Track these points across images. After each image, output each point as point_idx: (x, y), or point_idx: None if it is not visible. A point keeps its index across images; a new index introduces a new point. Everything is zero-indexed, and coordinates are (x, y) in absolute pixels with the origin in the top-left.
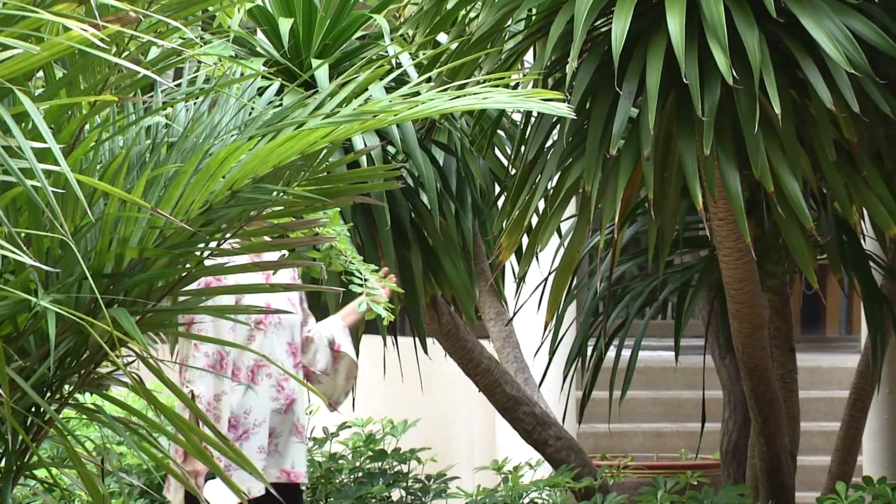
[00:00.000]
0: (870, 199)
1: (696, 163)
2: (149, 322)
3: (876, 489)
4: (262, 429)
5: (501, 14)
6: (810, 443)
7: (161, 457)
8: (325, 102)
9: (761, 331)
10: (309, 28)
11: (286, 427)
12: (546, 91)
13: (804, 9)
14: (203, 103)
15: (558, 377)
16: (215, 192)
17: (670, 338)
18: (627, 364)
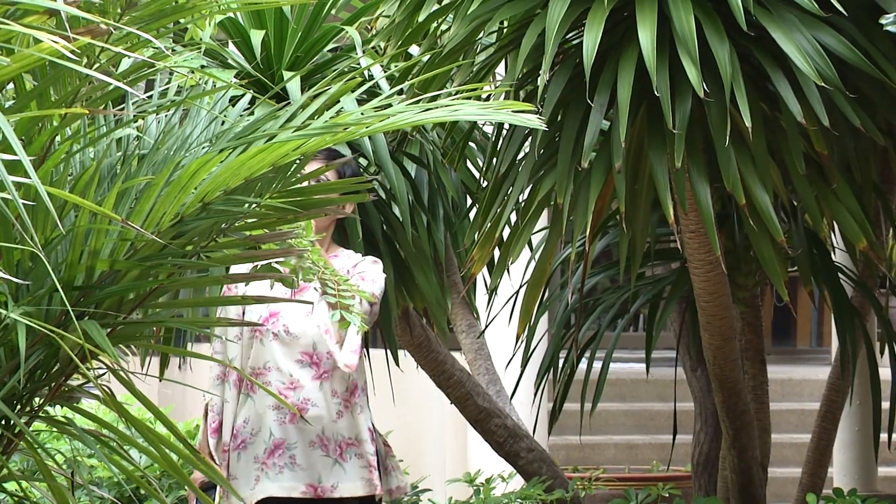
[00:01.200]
0: (840, 212)
1: (667, 175)
2: (120, 334)
3: (846, 501)
4: (259, 438)
5: (473, 26)
6: (781, 454)
7: (132, 469)
8: (297, 114)
9: (732, 343)
10: (280, 40)
11: (303, 439)
12: (518, 103)
13: (774, 22)
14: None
15: (530, 389)
16: (186, 205)
17: (642, 350)
18: (599, 376)
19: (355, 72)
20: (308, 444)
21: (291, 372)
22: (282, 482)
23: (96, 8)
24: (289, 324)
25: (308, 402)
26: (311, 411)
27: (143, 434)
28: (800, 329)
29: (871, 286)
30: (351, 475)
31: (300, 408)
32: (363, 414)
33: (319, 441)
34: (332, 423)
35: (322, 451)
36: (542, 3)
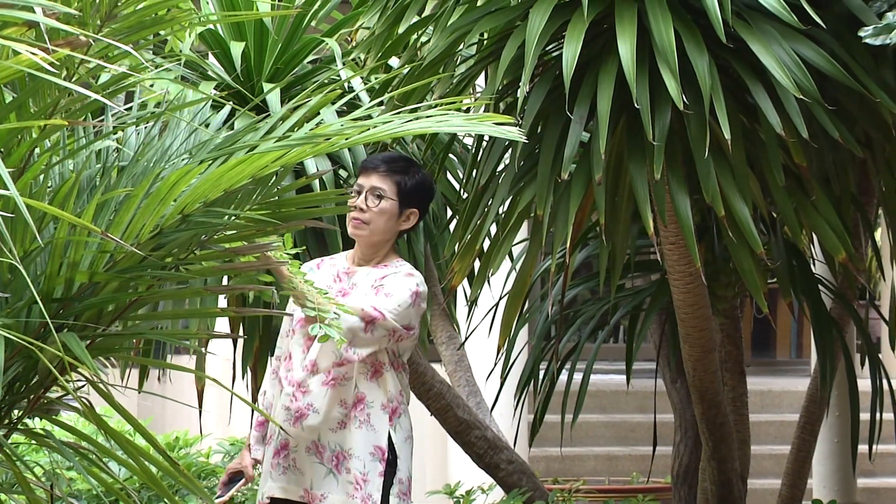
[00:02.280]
0: (819, 223)
1: (646, 187)
2: (99, 346)
3: None
4: (275, 436)
5: (453, 38)
6: (761, 466)
7: (111, 482)
8: (277, 126)
9: (712, 354)
10: (260, 52)
11: (301, 443)
12: (498, 115)
13: (754, 34)
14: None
15: (510, 401)
16: (166, 216)
17: (622, 361)
18: (579, 387)
19: (335, 84)
20: (305, 448)
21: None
22: (283, 483)
23: (75, 20)
24: None
25: (310, 407)
26: (311, 418)
27: (122, 446)
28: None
29: (851, 298)
30: (339, 489)
31: (302, 412)
32: (362, 429)
33: (315, 447)
34: (331, 431)
35: (317, 457)
36: (522, 15)
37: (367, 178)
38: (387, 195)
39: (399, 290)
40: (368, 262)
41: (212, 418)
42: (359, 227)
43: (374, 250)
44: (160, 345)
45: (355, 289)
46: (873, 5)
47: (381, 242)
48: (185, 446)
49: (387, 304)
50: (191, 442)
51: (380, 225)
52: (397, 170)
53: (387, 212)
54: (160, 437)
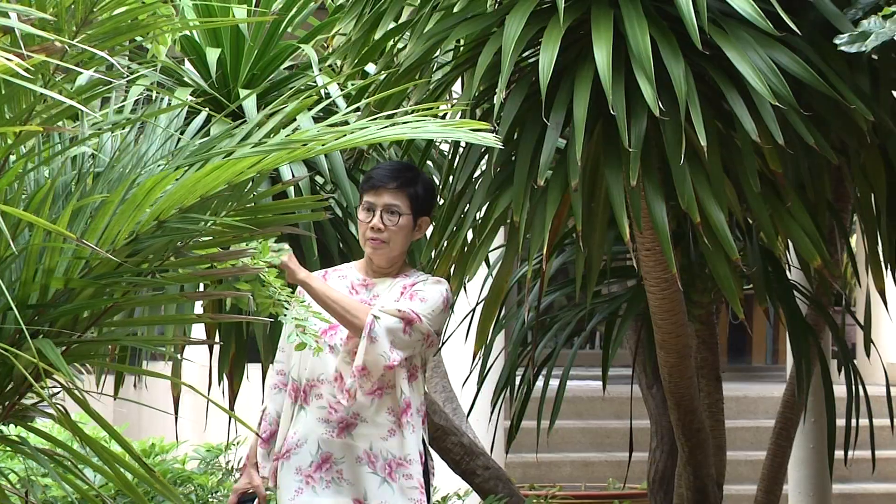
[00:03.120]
0: (794, 229)
1: (622, 194)
2: (74, 353)
3: None
4: (304, 450)
5: (429, 45)
6: (737, 472)
7: (86, 489)
8: (253, 132)
9: (688, 360)
10: (237, 58)
11: (349, 454)
12: (474, 121)
13: (729, 41)
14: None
15: (486, 407)
16: (142, 223)
17: (598, 367)
18: (556, 394)
19: (312, 90)
20: (355, 459)
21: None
22: (328, 497)
23: (51, 26)
24: (344, 336)
25: (357, 416)
26: (360, 427)
27: (97, 453)
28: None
29: (826, 304)
30: (399, 496)
31: (349, 422)
32: (415, 434)
33: (367, 457)
34: (382, 440)
35: (369, 467)
36: (499, 21)
37: (378, 195)
38: (402, 210)
39: (432, 295)
40: (386, 274)
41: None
42: (378, 247)
43: (392, 263)
44: (136, 351)
45: (378, 300)
46: (848, 12)
47: (399, 256)
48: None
49: (422, 308)
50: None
51: (399, 241)
52: (407, 182)
53: (404, 227)
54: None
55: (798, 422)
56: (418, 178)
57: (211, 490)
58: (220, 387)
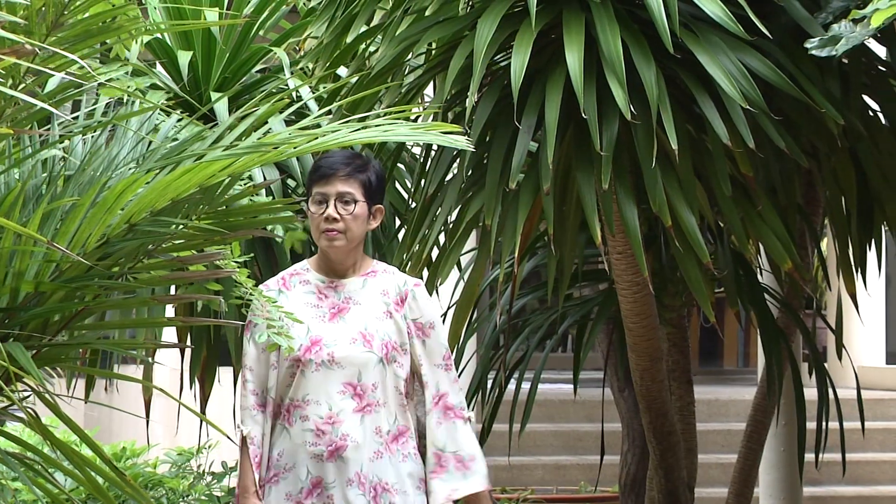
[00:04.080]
0: (765, 233)
1: (594, 197)
2: (45, 356)
3: None
4: (293, 475)
5: (401, 48)
6: (708, 475)
7: (57, 493)
8: (225, 135)
9: (659, 363)
10: (208, 61)
11: (340, 477)
12: (446, 125)
13: (700, 45)
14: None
15: None
16: (112, 226)
17: (570, 371)
18: (527, 397)
19: (283, 93)
20: (346, 482)
21: (332, 405)
22: None
23: (21, 28)
24: (334, 351)
25: (347, 437)
26: (350, 447)
27: (68, 457)
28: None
29: (797, 307)
30: None
31: (338, 445)
32: (406, 463)
33: (357, 479)
34: (370, 461)
35: (359, 489)
36: (470, 25)
37: (329, 184)
38: (356, 198)
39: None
40: (349, 271)
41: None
42: (336, 237)
43: (352, 258)
44: (107, 355)
45: (352, 304)
46: (819, 16)
47: (357, 248)
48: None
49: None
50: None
51: (356, 231)
52: (358, 169)
53: (360, 216)
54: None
55: (769, 425)
56: (369, 165)
57: (182, 494)
58: (192, 390)
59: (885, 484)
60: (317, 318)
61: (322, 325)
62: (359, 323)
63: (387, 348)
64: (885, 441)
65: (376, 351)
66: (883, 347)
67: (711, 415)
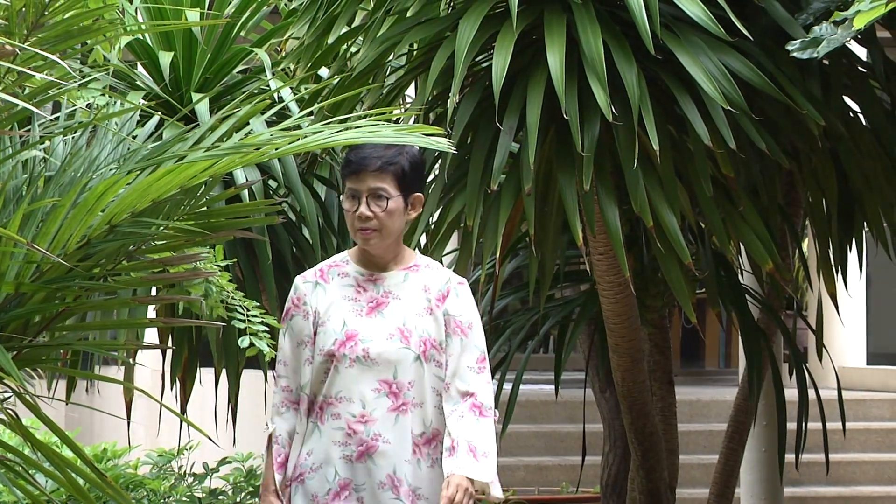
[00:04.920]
0: (746, 233)
1: (576, 198)
2: (25, 357)
3: None
4: (320, 475)
5: (383, 49)
6: (689, 475)
7: (37, 494)
8: (206, 136)
9: (641, 364)
10: (189, 62)
11: (371, 479)
12: (428, 126)
13: (682, 46)
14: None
15: None
16: (93, 227)
17: (551, 371)
18: (509, 397)
19: (265, 94)
20: (378, 485)
21: (365, 403)
22: None
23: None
24: (369, 347)
25: (379, 437)
26: (381, 448)
27: (49, 458)
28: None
29: (778, 308)
30: None
31: (368, 445)
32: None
33: (390, 482)
34: (406, 462)
35: (392, 493)
36: (452, 26)
37: (360, 180)
38: (389, 193)
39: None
40: (390, 265)
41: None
42: (371, 236)
43: (391, 251)
44: (88, 356)
45: (391, 298)
46: (799, 18)
47: (397, 241)
48: (113, 458)
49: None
50: (119, 453)
51: (392, 227)
52: (390, 160)
53: (395, 210)
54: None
55: (750, 425)
56: (402, 154)
57: (163, 495)
58: (173, 391)
59: (866, 484)
60: (353, 311)
61: (358, 320)
62: (397, 318)
63: (425, 345)
64: (866, 441)
65: (413, 348)
66: (864, 348)
67: (693, 415)
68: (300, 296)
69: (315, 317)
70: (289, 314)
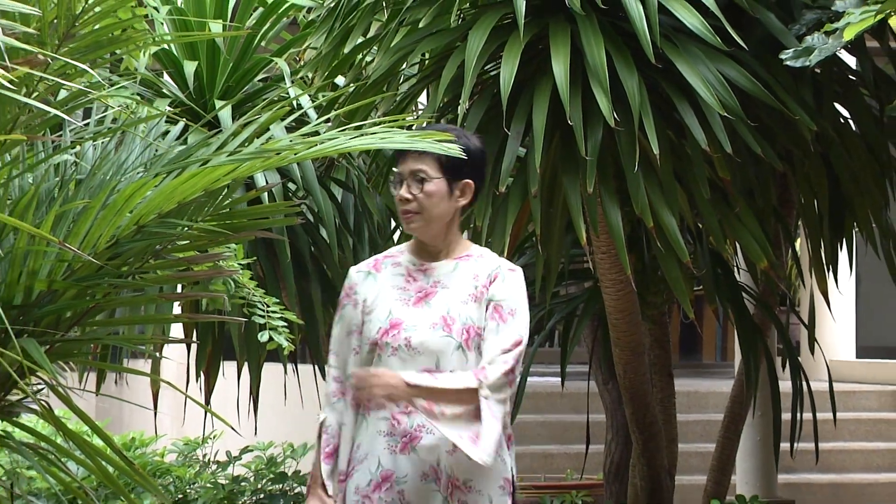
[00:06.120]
0: (742, 234)
1: (580, 200)
2: (58, 351)
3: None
4: (364, 466)
5: (396, 58)
6: (688, 463)
7: (69, 481)
8: (229, 141)
9: (641, 358)
10: (212, 70)
11: (414, 471)
12: (438, 132)
13: (680, 55)
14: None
15: None
16: (122, 227)
17: (557, 364)
18: (516, 389)
19: (284, 101)
20: (420, 476)
21: None
22: None
23: (35, 39)
24: (412, 336)
25: (422, 428)
26: (425, 439)
27: (80, 447)
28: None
29: (772, 304)
30: None
31: (412, 436)
32: None
33: (433, 473)
34: (448, 454)
35: (435, 484)
36: (462, 36)
37: (403, 163)
38: (429, 175)
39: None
40: (441, 254)
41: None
42: (412, 219)
43: (440, 239)
44: (117, 349)
45: (440, 287)
46: (793, 28)
47: (443, 228)
48: (141, 446)
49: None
50: (146, 442)
51: (433, 210)
52: None
53: (435, 193)
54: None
55: (746, 416)
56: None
57: (188, 481)
58: (198, 383)
59: (856, 472)
60: (400, 301)
61: (404, 309)
62: (442, 307)
63: (468, 333)
64: (855, 431)
65: (455, 336)
66: (853, 342)
67: (691, 406)
68: (352, 285)
69: (363, 306)
70: (341, 304)
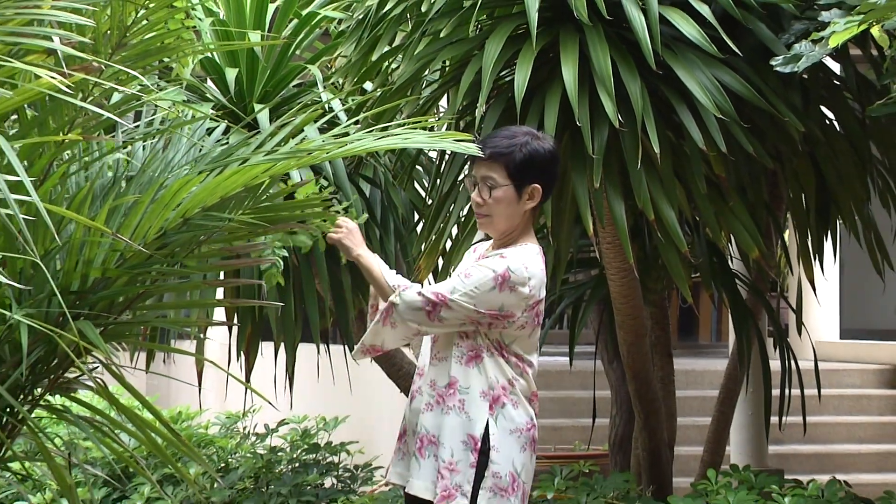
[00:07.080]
0: (736, 226)
1: (587, 194)
2: (111, 333)
3: (741, 475)
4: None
5: (419, 65)
6: (686, 435)
7: (122, 451)
8: (266, 142)
9: (643, 339)
10: (252, 77)
11: (410, 427)
12: (458, 133)
13: (679, 62)
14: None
15: None
16: (169, 220)
17: (566, 345)
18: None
19: (317, 105)
20: (413, 432)
21: (424, 357)
22: (399, 468)
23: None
24: None
25: (419, 391)
26: (416, 400)
27: (131, 420)
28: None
29: (763, 290)
30: (422, 474)
31: (413, 396)
32: (450, 416)
33: (413, 432)
34: (421, 413)
35: (417, 442)
36: (479, 45)
37: (476, 168)
38: (497, 182)
39: (480, 273)
40: (503, 245)
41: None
42: (483, 221)
43: (506, 235)
44: (165, 331)
45: None
46: (782, 37)
47: (510, 228)
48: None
49: (462, 286)
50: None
51: (501, 214)
52: (500, 151)
53: (503, 199)
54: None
55: (739, 392)
56: (514, 146)
57: (230, 451)
58: (238, 362)
59: (839, 443)
60: None
61: None
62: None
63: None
64: (838, 406)
65: None
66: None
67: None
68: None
69: None
70: None
